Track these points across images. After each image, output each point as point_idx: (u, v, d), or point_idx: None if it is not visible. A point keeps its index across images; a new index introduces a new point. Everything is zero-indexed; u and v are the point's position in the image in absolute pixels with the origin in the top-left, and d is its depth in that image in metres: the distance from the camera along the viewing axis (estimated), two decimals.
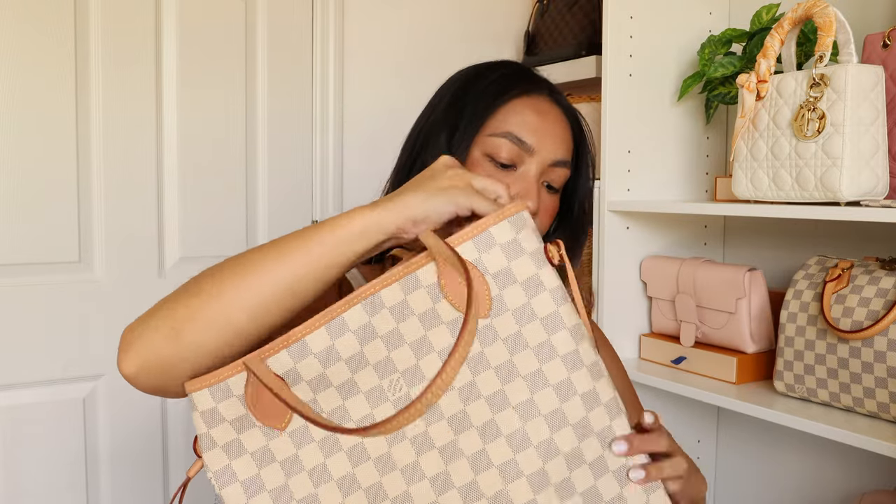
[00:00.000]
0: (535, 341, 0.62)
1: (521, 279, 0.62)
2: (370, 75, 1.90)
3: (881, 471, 1.38)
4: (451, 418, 0.62)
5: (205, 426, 0.64)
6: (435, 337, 0.62)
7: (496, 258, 0.62)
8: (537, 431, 0.61)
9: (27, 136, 1.54)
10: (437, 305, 0.62)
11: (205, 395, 0.64)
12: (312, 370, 0.63)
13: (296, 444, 0.63)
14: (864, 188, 1.11)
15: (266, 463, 0.63)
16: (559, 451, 0.61)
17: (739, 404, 1.27)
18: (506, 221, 0.63)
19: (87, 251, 1.62)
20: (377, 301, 0.63)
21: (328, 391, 0.63)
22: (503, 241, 0.63)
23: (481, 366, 0.62)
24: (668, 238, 1.57)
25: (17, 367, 1.56)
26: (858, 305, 1.14)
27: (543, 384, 0.61)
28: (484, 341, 0.62)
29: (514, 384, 0.61)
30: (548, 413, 0.61)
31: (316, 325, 0.63)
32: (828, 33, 1.11)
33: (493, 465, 0.61)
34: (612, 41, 1.45)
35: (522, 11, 2.06)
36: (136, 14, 1.63)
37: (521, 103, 0.89)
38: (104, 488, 1.66)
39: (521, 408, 0.61)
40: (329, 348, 0.63)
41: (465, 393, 0.62)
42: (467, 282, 0.59)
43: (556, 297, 0.63)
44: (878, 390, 1.12)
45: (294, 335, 0.63)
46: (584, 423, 0.62)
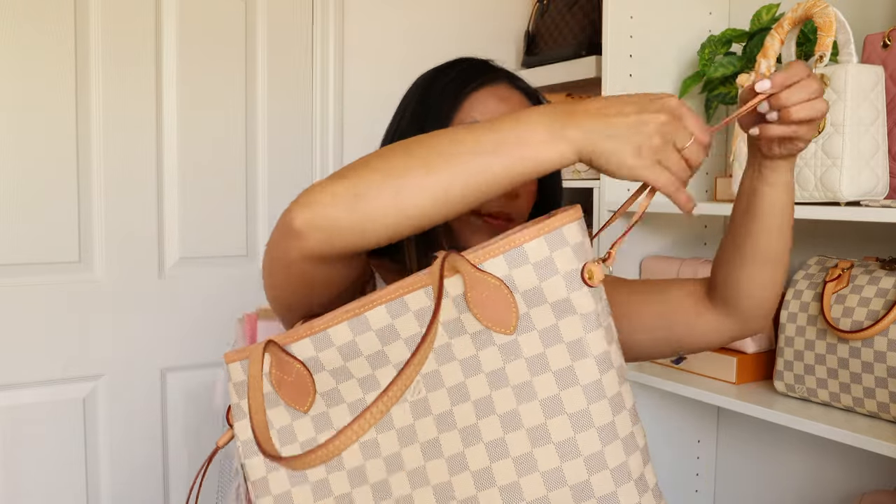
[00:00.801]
0: (557, 365, 0.60)
1: (550, 300, 0.60)
2: (370, 75, 1.90)
3: (881, 471, 1.38)
4: (464, 430, 0.61)
5: (237, 396, 0.67)
6: (458, 345, 0.61)
7: (527, 276, 0.60)
8: (546, 459, 0.59)
9: (27, 136, 1.54)
10: (463, 316, 0.61)
11: (237, 367, 0.67)
12: (334, 361, 0.64)
13: (316, 428, 0.65)
14: (863, 188, 1.11)
15: (288, 441, 0.65)
16: (566, 482, 0.59)
17: (739, 404, 1.27)
18: (542, 238, 0.60)
19: (87, 251, 1.62)
20: (401, 305, 0.62)
21: (350, 382, 0.64)
22: (536, 260, 0.60)
23: (501, 382, 0.60)
24: (668, 238, 1.57)
25: (17, 367, 1.56)
26: (858, 305, 1.14)
27: (560, 411, 0.59)
28: (507, 357, 0.60)
29: (530, 406, 0.60)
30: (559, 441, 0.59)
31: (338, 319, 0.63)
32: (828, 33, 1.11)
33: (495, 484, 0.60)
34: (612, 41, 1.45)
35: (522, 11, 2.06)
36: (137, 14, 1.63)
37: (483, 94, 0.90)
38: (104, 488, 1.66)
39: (533, 432, 0.60)
40: (351, 343, 0.63)
41: (479, 406, 0.60)
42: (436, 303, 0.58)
43: (587, 323, 0.60)
44: (878, 390, 1.12)
45: (317, 326, 0.64)
46: (598, 457, 0.59)
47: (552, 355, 0.60)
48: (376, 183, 0.63)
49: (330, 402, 0.65)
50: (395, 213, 0.63)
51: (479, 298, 0.60)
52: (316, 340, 0.64)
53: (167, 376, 1.71)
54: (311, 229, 0.64)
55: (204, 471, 0.70)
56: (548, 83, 1.82)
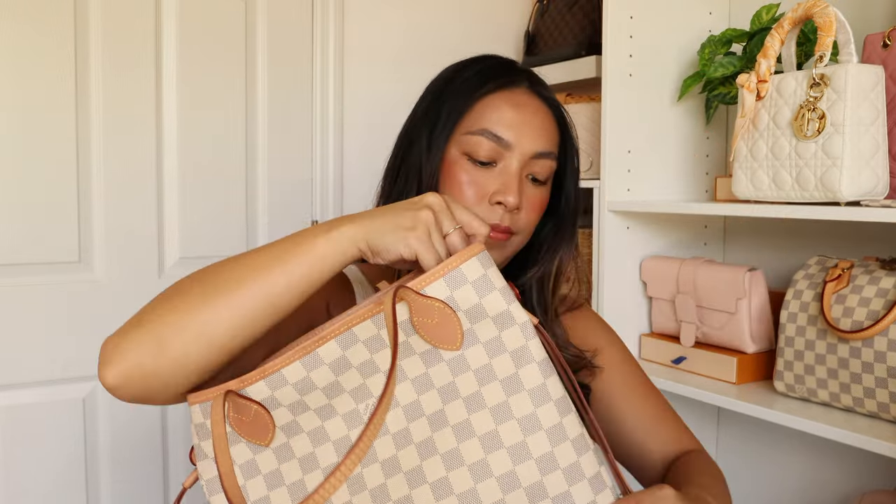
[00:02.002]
0: (503, 374, 0.63)
1: (491, 314, 0.64)
2: (370, 75, 1.90)
3: (881, 471, 1.37)
4: (420, 444, 0.64)
5: (197, 438, 0.68)
6: (409, 365, 0.65)
7: (468, 295, 0.64)
8: (500, 463, 0.62)
9: (27, 137, 1.54)
10: (410, 339, 0.65)
11: (196, 409, 0.68)
12: (290, 397, 0.66)
13: (279, 458, 0.67)
14: (864, 188, 1.11)
15: (251, 475, 0.67)
16: (520, 484, 0.62)
17: (739, 404, 1.27)
18: (475, 259, 0.65)
19: (87, 251, 1.62)
20: (351, 337, 0.65)
21: (307, 414, 0.66)
22: (474, 279, 0.64)
23: (452, 395, 0.64)
24: (669, 238, 1.57)
25: (17, 367, 1.56)
26: (858, 305, 1.14)
27: (508, 416, 0.63)
28: (455, 371, 0.64)
29: (481, 415, 0.63)
30: (510, 445, 0.62)
31: (291, 359, 0.66)
32: (828, 33, 1.11)
33: (453, 492, 0.63)
34: (612, 41, 1.45)
35: (522, 11, 2.06)
36: (137, 14, 1.63)
37: (498, 98, 0.87)
38: (104, 488, 1.66)
39: (485, 438, 0.63)
40: (305, 379, 0.66)
41: (433, 420, 0.64)
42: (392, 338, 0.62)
43: (526, 332, 0.64)
44: (878, 390, 1.12)
45: (271, 368, 0.66)
46: (549, 458, 0.62)
47: (497, 364, 0.63)
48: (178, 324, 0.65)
49: (290, 433, 0.67)
50: (207, 348, 0.65)
51: (424, 322, 0.64)
52: (270, 381, 0.66)
53: None
54: (125, 380, 0.65)
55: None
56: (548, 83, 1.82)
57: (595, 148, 1.58)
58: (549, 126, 0.89)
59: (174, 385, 0.66)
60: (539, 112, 0.88)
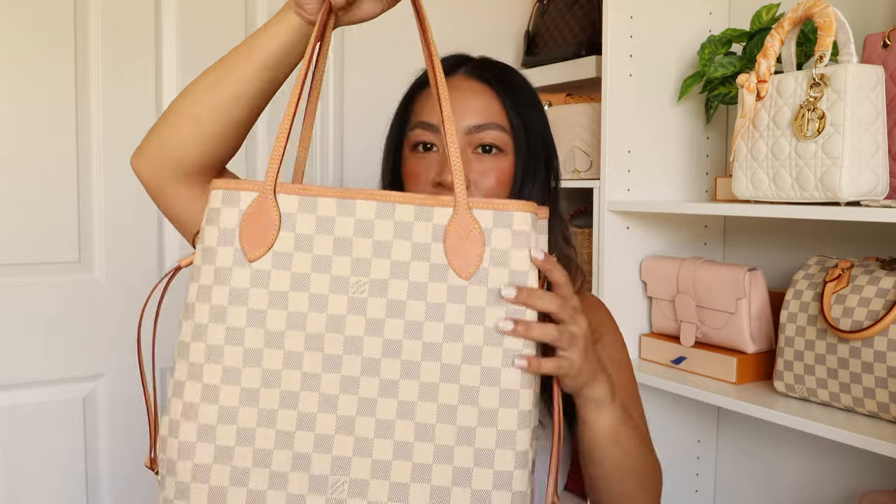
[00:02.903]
0: (491, 323, 0.66)
1: (511, 266, 0.66)
2: (370, 75, 1.90)
3: (881, 471, 1.38)
4: (388, 341, 0.66)
5: (204, 221, 0.69)
6: (415, 269, 0.66)
7: (503, 238, 0.66)
8: (446, 394, 0.65)
9: (27, 136, 1.54)
10: (433, 245, 0.67)
11: (218, 195, 0.69)
12: (306, 227, 0.67)
13: (252, 282, 0.67)
14: (864, 188, 1.11)
15: (221, 283, 0.67)
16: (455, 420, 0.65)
17: (739, 404, 1.27)
18: (532, 215, 0.67)
19: (87, 251, 1.62)
20: (389, 209, 0.67)
21: (305, 255, 0.67)
22: (518, 229, 0.66)
23: (436, 316, 0.66)
24: (668, 238, 1.57)
25: (17, 367, 1.56)
26: (858, 305, 1.14)
27: (476, 362, 0.66)
28: (451, 298, 0.66)
29: (454, 347, 0.66)
30: (465, 385, 0.65)
31: (330, 192, 0.67)
32: (828, 33, 1.11)
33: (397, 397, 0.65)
34: (612, 41, 1.45)
35: (522, 11, 2.06)
36: (136, 14, 1.62)
37: (430, 90, 0.93)
38: (104, 488, 1.66)
39: (446, 368, 0.66)
40: (330, 219, 0.67)
41: (409, 328, 0.66)
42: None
43: None
44: (878, 390, 1.12)
45: (311, 189, 0.68)
46: (491, 413, 0.65)
47: (491, 313, 0.66)
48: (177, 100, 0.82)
49: (277, 265, 0.67)
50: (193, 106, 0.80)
51: (456, 233, 0.66)
52: (303, 201, 0.68)
53: (167, 376, 1.71)
54: (136, 160, 0.85)
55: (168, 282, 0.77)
56: (548, 83, 1.82)
57: (595, 148, 1.58)
58: (486, 101, 0.93)
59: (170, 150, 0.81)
60: (473, 92, 0.93)
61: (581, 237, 1.67)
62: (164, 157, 0.82)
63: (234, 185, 0.68)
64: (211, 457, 0.66)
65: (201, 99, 0.80)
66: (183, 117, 0.81)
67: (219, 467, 0.66)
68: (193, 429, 0.66)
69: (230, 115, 0.80)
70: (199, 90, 0.80)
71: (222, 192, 0.69)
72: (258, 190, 0.68)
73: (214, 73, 0.80)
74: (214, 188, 0.69)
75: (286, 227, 0.67)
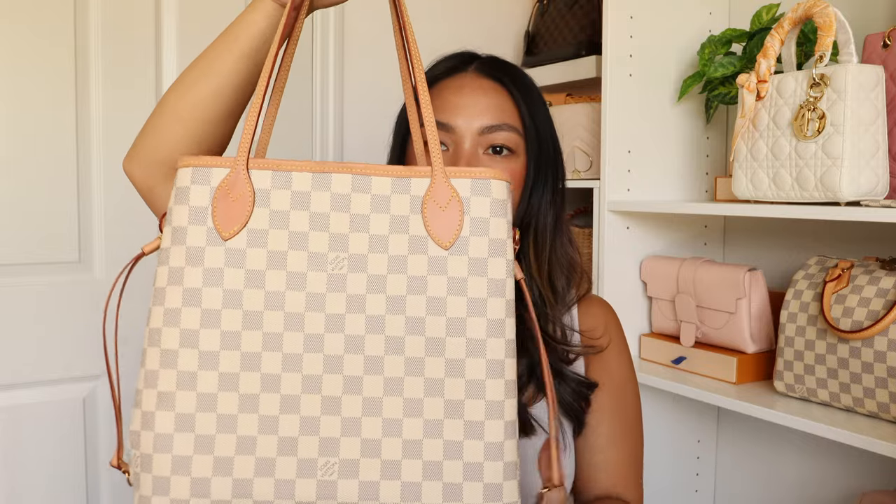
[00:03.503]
0: (474, 294, 0.65)
1: (492, 235, 0.66)
2: (370, 74, 1.90)
3: (881, 471, 1.38)
4: (370, 318, 0.65)
5: (172, 201, 0.66)
6: (394, 242, 0.65)
7: (482, 206, 0.66)
8: (432, 368, 0.64)
9: (27, 137, 1.54)
10: (412, 217, 0.66)
11: (187, 173, 0.66)
12: (281, 203, 0.65)
13: (227, 261, 0.65)
14: (864, 188, 1.11)
15: (194, 264, 0.65)
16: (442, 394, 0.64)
17: (739, 404, 1.27)
18: (507, 183, 0.67)
19: (87, 251, 1.62)
20: (366, 182, 0.66)
21: (281, 232, 0.65)
22: (496, 197, 0.66)
23: (418, 289, 0.65)
24: (668, 238, 1.57)
25: (17, 367, 1.56)
26: (858, 305, 1.14)
27: (460, 333, 0.65)
28: (432, 270, 0.65)
29: (437, 320, 0.65)
30: (450, 359, 0.64)
31: (304, 167, 0.66)
32: (828, 33, 1.11)
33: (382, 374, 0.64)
34: (612, 41, 1.45)
35: (522, 11, 2.06)
36: (136, 14, 1.62)
37: (442, 87, 0.92)
38: (104, 488, 1.66)
39: (431, 342, 0.64)
40: (305, 193, 0.65)
41: (391, 303, 0.65)
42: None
43: (509, 269, 0.66)
44: (878, 390, 1.12)
45: (284, 164, 0.66)
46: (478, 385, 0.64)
47: (472, 283, 0.65)
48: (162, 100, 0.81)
49: (252, 243, 0.65)
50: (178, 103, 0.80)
51: (435, 203, 0.66)
52: (276, 176, 0.66)
53: None
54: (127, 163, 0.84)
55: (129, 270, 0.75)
56: (548, 83, 1.82)
57: (595, 148, 1.58)
58: (499, 101, 0.91)
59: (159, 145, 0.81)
60: (485, 90, 0.91)
61: (581, 237, 1.67)
62: (155, 158, 0.82)
63: (204, 162, 0.66)
64: (191, 447, 0.63)
65: (186, 97, 0.79)
66: (170, 117, 0.80)
67: (200, 457, 0.63)
68: (170, 418, 0.63)
69: (215, 109, 0.80)
70: (183, 88, 0.80)
71: (192, 169, 0.66)
72: (229, 166, 0.66)
73: (196, 70, 0.80)
74: (182, 166, 0.66)
75: (260, 203, 0.65)
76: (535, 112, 0.93)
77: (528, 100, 0.93)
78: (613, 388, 0.96)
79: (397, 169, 0.66)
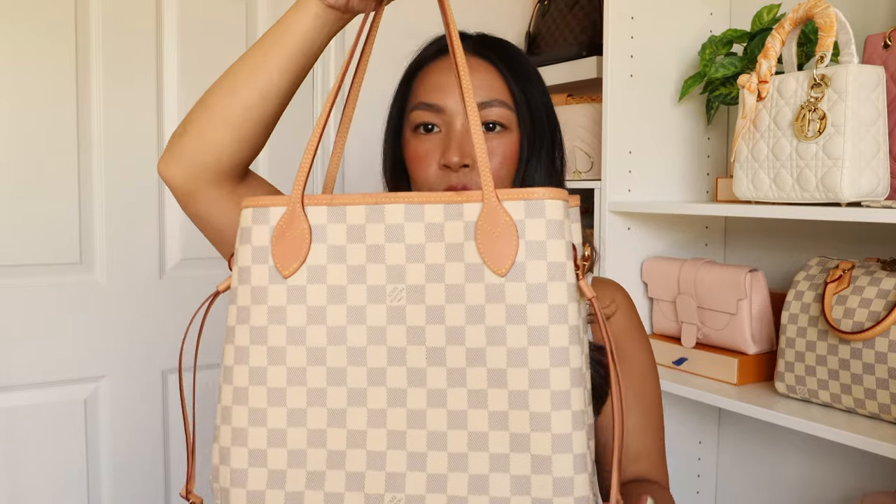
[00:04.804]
0: (534, 322, 0.62)
1: (549, 259, 0.63)
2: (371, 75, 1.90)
3: (882, 472, 1.37)
4: (431, 349, 0.64)
5: (238, 241, 0.68)
6: (451, 270, 0.64)
7: (538, 229, 0.63)
8: (496, 401, 0.62)
9: (28, 138, 1.54)
10: (466, 244, 0.64)
11: (248, 213, 0.67)
12: (338, 238, 0.66)
13: (289, 298, 0.66)
14: (864, 189, 1.11)
15: (258, 302, 0.66)
16: (508, 426, 0.62)
17: (741, 405, 1.26)
18: (564, 202, 0.64)
19: (88, 252, 1.62)
20: (418, 211, 0.65)
21: (339, 267, 0.65)
22: (551, 218, 0.63)
23: (477, 318, 0.63)
24: (669, 239, 1.57)
25: (18, 368, 1.56)
26: (859, 306, 1.14)
27: (522, 364, 0.62)
28: (490, 298, 0.63)
29: (497, 350, 0.63)
30: (513, 391, 0.62)
31: (358, 199, 0.65)
32: (829, 34, 1.11)
33: (445, 406, 0.63)
34: (613, 42, 1.45)
35: (523, 12, 2.06)
36: (137, 15, 1.63)
37: (429, 70, 0.92)
38: (105, 490, 1.66)
39: (493, 373, 0.63)
40: (360, 227, 0.65)
41: (451, 333, 0.63)
42: None
43: (571, 293, 0.63)
44: (879, 391, 1.12)
45: (338, 198, 0.66)
46: (544, 418, 0.62)
47: (532, 311, 0.62)
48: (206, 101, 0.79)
49: (312, 279, 0.65)
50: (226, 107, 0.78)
51: (488, 229, 0.63)
52: (331, 211, 0.66)
53: (168, 378, 1.71)
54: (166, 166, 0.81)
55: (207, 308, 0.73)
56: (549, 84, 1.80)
57: (596, 149, 1.58)
58: (487, 77, 0.90)
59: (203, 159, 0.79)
60: (473, 68, 0.90)
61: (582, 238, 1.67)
62: (200, 161, 0.80)
63: (263, 202, 0.67)
64: (264, 482, 0.65)
65: (234, 98, 0.78)
66: (219, 119, 0.78)
67: (272, 493, 0.65)
68: (244, 454, 0.65)
69: (264, 112, 0.79)
70: (230, 89, 0.78)
71: (252, 209, 0.67)
72: (286, 204, 0.66)
73: (243, 71, 0.78)
74: (244, 207, 0.68)
75: (317, 239, 0.66)
76: (525, 86, 0.92)
77: (517, 73, 0.92)
78: (635, 381, 0.96)
79: (448, 195, 0.65)
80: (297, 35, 0.76)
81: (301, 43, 0.77)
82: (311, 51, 0.78)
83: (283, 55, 0.77)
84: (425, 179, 0.89)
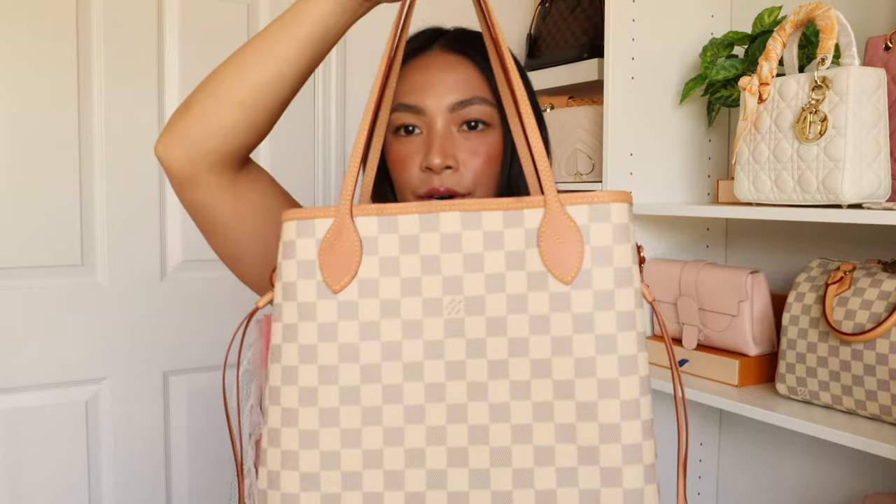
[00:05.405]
0: (601, 330, 0.60)
1: (616, 265, 0.61)
2: (372, 75, 1.90)
3: (884, 473, 1.37)
4: (492, 362, 0.61)
5: (281, 256, 0.65)
6: (512, 280, 0.61)
7: (604, 234, 0.61)
8: (563, 412, 0.60)
9: (29, 139, 1.55)
10: (528, 251, 0.61)
11: (291, 226, 0.64)
12: (390, 249, 0.63)
13: (339, 314, 0.63)
14: (866, 191, 1.11)
15: (307, 319, 0.63)
16: (575, 439, 0.60)
17: (742, 407, 1.26)
18: (629, 205, 0.62)
19: (90, 254, 1.62)
20: (475, 219, 0.62)
21: (392, 280, 0.62)
22: (617, 222, 0.61)
23: (541, 329, 0.61)
24: (671, 241, 1.57)
25: (20, 370, 1.56)
26: (860, 308, 1.14)
27: (591, 374, 0.60)
28: (554, 307, 0.61)
29: (564, 360, 0.60)
30: (581, 401, 0.60)
31: (410, 209, 0.63)
32: (830, 36, 1.11)
33: (509, 421, 0.61)
34: (614, 44, 1.45)
35: (524, 14, 2.06)
36: (138, 16, 1.63)
37: (407, 69, 0.89)
38: (106, 491, 1.66)
39: (559, 385, 0.60)
40: (413, 237, 0.62)
41: (514, 345, 0.61)
42: None
43: (638, 299, 0.61)
44: (880, 393, 1.12)
45: (389, 208, 0.63)
46: (614, 429, 0.60)
47: (599, 319, 0.60)
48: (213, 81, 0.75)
49: (364, 293, 0.63)
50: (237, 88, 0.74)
51: (551, 235, 0.61)
52: (382, 221, 0.63)
53: (170, 379, 1.71)
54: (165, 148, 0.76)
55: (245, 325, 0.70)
56: (550, 86, 1.82)
57: (597, 151, 1.58)
58: (467, 74, 0.88)
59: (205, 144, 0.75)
60: (451, 66, 0.88)
61: None
62: (204, 145, 0.76)
63: (307, 214, 0.64)
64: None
65: (245, 79, 0.74)
66: (227, 101, 0.74)
67: None
68: (296, 478, 0.62)
69: (276, 96, 0.75)
70: (240, 70, 0.74)
71: (296, 222, 0.64)
72: (333, 216, 0.63)
73: (255, 52, 0.74)
74: (286, 219, 0.64)
75: (368, 251, 0.63)
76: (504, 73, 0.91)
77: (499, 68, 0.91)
78: None
79: (507, 201, 0.62)
80: (316, 18, 0.73)
81: (318, 28, 0.73)
82: (329, 36, 0.75)
83: (300, 39, 0.73)
84: (407, 182, 0.87)
